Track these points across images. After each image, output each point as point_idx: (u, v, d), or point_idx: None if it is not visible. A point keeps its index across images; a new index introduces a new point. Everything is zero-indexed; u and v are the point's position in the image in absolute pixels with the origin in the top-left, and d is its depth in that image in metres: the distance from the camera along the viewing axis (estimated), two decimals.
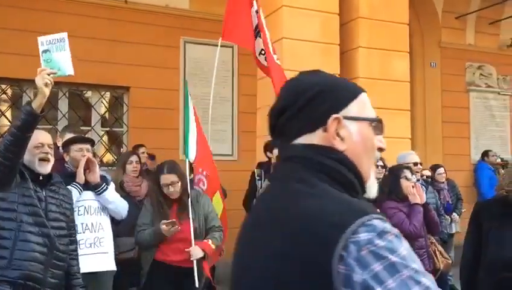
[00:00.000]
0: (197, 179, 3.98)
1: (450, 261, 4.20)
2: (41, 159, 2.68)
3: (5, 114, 6.79)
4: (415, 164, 4.71)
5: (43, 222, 2.62)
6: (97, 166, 3.39)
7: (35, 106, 2.41)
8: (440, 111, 9.08)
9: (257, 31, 4.13)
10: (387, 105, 5.67)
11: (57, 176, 2.87)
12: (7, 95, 6.82)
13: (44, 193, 2.71)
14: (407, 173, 3.98)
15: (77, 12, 6.79)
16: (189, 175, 3.70)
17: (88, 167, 3.33)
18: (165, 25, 7.25)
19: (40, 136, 2.66)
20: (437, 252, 4.02)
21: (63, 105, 7.05)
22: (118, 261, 3.45)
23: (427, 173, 5.88)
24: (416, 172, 4.66)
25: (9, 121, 6.67)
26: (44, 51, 2.45)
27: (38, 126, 6.92)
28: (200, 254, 3.43)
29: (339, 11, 5.62)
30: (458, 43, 9.29)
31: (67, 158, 3.38)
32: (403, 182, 3.95)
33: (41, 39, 2.46)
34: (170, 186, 3.46)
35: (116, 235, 3.44)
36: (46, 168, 2.71)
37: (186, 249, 3.43)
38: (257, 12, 4.10)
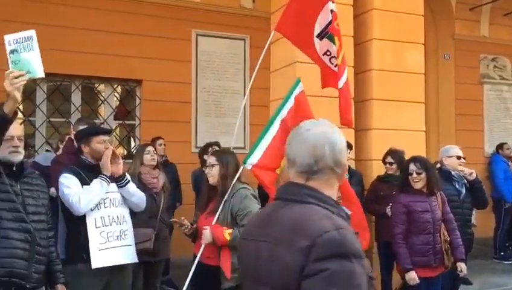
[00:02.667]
0: None
1: None
2: (12, 152, 2.61)
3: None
4: (458, 157, 4.66)
5: (23, 217, 2.57)
6: (120, 158, 3.36)
7: (6, 110, 2.24)
8: (453, 104, 9.00)
9: (325, 33, 4.00)
10: (401, 97, 5.63)
11: (29, 167, 2.81)
12: None
13: (19, 186, 2.64)
14: (411, 165, 3.99)
15: (89, 5, 6.79)
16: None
17: (111, 159, 3.28)
18: (177, 18, 7.23)
19: (11, 129, 2.45)
20: (449, 251, 4.02)
21: (76, 98, 7.08)
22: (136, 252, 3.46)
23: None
24: (460, 165, 4.62)
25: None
26: (12, 51, 2.23)
27: (52, 119, 6.90)
28: (208, 239, 3.24)
29: (352, 3, 5.57)
30: (472, 35, 9.18)
31: (86, 150, 3.31)
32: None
33: (7, 38, 2.23)
34: (208, 168, 3.41)
35: (133, 226, 3.43)
36: (18, 157, 2.65)
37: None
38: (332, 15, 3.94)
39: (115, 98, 7.46)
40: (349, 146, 5.00)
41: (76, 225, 3.18)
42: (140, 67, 7.06)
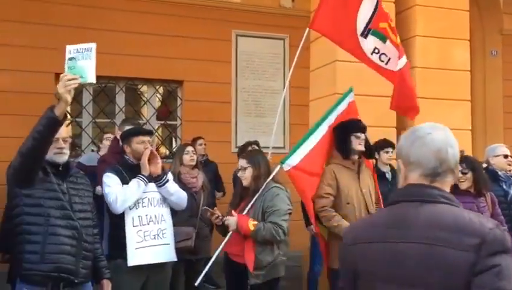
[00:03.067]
0: None
1: None
2: (57, 153, 2.72)
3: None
4: (505, 156, 4.50)
5: (70, 215, 2.67)
6: (159, 158, 3.43)
7: (58, 112, 2.37)
8: (501, 101, 8.66)
9: (368, 30, 3.93)
10: (445, 95, 5.47)
11: (74, 167, 2.91)
12: None
13: (65, 185, 2.73)
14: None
15: (130, 8, 6.96)
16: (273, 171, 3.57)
17: (149, 159, 3.37)
18: (217, 19, 7.31)
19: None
20: None
21: (120, 99, 7.28)
22: (176, 250, 3.51)
23: None
24: (509, 165, 4.46)
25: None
26: (70, 58, 2.41)
27: (98, 120, 7.11)
28: (233, 226, 3.28)
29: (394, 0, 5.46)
30: None
31: (128, 150, 3.42)
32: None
33: (69, 47, 2.41)
34: (240, 171, 3.46)
35: (173, 224, 3.49)
36: (63, 158, 2.73)
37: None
38: (375, 12, 3.89)
39: (157, 99, 7.62)
40: (390, 145, 4.90)
41: (118, 223, 3.28)
42: (182, 68, 7.18)
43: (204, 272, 3.44)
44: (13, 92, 6.36)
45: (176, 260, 3.48)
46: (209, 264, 3.45)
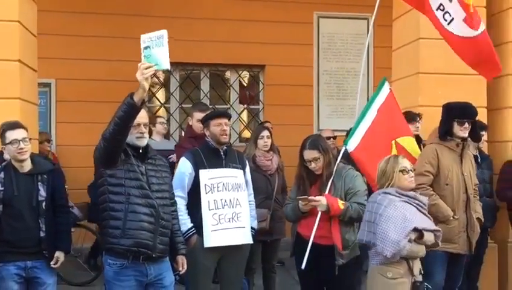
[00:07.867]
0: None
1: None
2: (138, 138, 2.91)
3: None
4: None
5: (148, 194, 2.85)
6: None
7: (136, 98, 2.57)
8: None
9: None
10: None
11: (153, 150, 3.08)
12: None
13: (144, 167, 2.91)
14: None
15: None
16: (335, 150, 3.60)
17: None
18: (298, 1, 7.26)
19: (138, 117, 2.77)
20: None
21: (205, 85, 7.53)
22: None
23: None
24: None
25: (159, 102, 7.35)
26: (145, 48, 2.59)
27: (184, 105, 7.32)
28: (324, 207, 3.27)
29: None
30: None
31: (207, 133, 3.57)
32: None
33: (143, 37, 2.60)
34: (312, 162, 3.41)
35: None
36: (143, 142, 2.93)
37: (311, 197, 3.33)
38: None
39: (240, 84, 7.76)
40: (483, 127, 4.60)
41: (195, 204, 3.43)
42: (263, 52, 7.24)
43: (306, 255, 3.36)
44: (104, 80, 6.74)
45: (251, 242, 3.57)
46: (306, 255, 3.36)
